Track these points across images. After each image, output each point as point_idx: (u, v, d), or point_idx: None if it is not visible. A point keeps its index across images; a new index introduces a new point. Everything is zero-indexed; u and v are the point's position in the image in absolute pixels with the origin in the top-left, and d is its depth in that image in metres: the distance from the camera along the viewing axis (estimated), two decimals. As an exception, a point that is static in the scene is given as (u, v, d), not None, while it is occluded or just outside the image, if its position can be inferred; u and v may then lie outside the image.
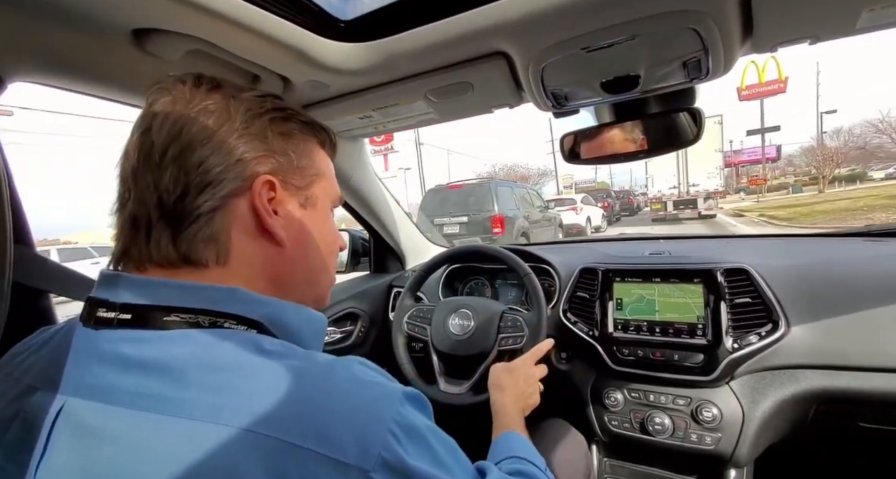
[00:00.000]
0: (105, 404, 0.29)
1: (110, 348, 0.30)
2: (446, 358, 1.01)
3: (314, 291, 0.44)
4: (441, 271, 1.33)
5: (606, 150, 0.94)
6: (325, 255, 0.44)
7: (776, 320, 0.82)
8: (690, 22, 0.56)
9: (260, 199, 0.37)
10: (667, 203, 14.03)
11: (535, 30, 0.59)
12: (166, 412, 0.27)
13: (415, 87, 0.78)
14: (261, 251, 0.38)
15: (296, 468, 0.26)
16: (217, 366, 0.29)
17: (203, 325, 0.32)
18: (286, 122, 0.40)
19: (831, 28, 0.59)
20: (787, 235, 1.57)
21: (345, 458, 0.27)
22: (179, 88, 0.37)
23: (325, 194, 0.44)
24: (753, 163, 34.91)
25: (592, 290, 1.01)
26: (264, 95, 0.40)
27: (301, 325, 0.39)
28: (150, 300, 0.32)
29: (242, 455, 0.26)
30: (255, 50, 0.62)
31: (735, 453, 0.81)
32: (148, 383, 0.29)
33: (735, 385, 0.85)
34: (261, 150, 0.38)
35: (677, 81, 0.73)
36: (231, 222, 0.36)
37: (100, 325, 0.32)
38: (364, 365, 0.34)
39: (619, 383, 0.93)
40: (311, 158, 0.43)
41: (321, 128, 0.44)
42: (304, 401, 0.29)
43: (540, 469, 0.54)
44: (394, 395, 0.32)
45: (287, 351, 0.33)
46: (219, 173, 0.35)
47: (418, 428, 0.31)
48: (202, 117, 0.36)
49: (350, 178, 1.18)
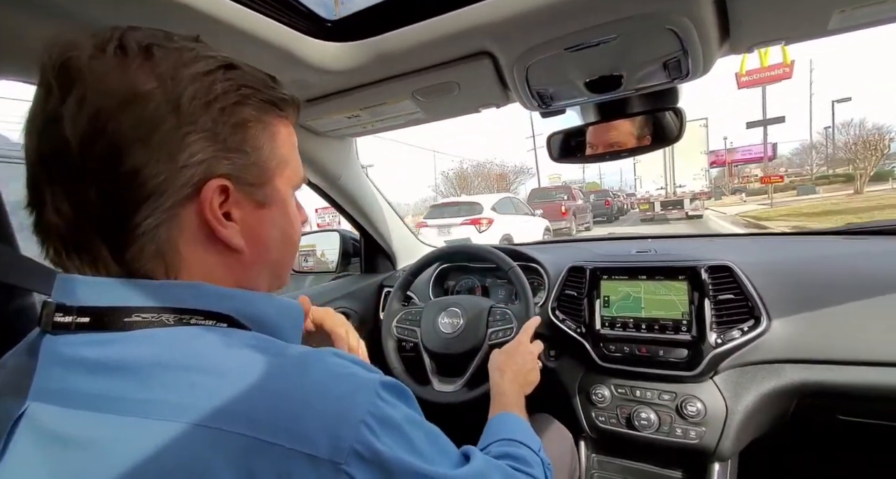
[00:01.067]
0: (68, 408, 0.28)
1: (70, 353, 0.29)
2: (438, 357, 1.01)
3: (278, 280, 0.42)
4: (431, 271, 1.34)
5: (593, 149, 0.96)
6: (289, 247, 0.41)
7: (758, 315, 0.84)
8: (669, 23, 0.58)
9: (210, 208, 0.32)
10: (654, 204, 14.43)
11: (519, 30, 0.60)
12: (131, 414, 0.27)
13: (402, 86, 0.78)
14: (216, 260, 0.34)
15: (266, 465, 0.26)
16: (183, 365, 0.28)
17: (168, 323, 0.30)
18: (242, 107, 0.33)
19: (804, 29, 0.61)
20: (768, 234, 1.61)
21: (317, 452, 0.26)
22: (96, 56, 0.29)
23: (288, 184, 0.38)
24: (748, 162, 33.27)
25: (580, 288, 1.02)
26: (212, 69, 0.32)
27: (275, 315, 0.37)
28: (108, 302, 0.30)
29: (209, 454, 0.25)
30: (241, 49, 0.62)
31: (719, 446, 0.83)
32: (111, 386, 0.28)
33: (718, 380, 0.87)
34: (211, 150, 0.32)
35: (659, 82, 0.75)
36: (178, 235, 0.32)
37: (58, 330, 0.30)
38: (339, 356, 0.33)
39: (606, 380, 0.95)
40: (273, 146, 0.36)
41: (284, 101, 0.37)
42: (275, 396, 0.28)
43: (532, 451, 0.51)
44: (369, 385, 0.31)
45: (258, 344, 0.31)
46: (160, 184, 0.30)
47: (393, 418, 0.30)
48: (134, 107, 0.29)
49: (339, 177, 1.18)
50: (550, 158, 0.98)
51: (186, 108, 0.30)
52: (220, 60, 0.34)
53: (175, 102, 0.30)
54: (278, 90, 0.37)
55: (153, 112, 0.29)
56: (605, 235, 1.70)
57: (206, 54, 0.33)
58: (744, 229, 9.75)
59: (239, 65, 0.35)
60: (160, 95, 0.30)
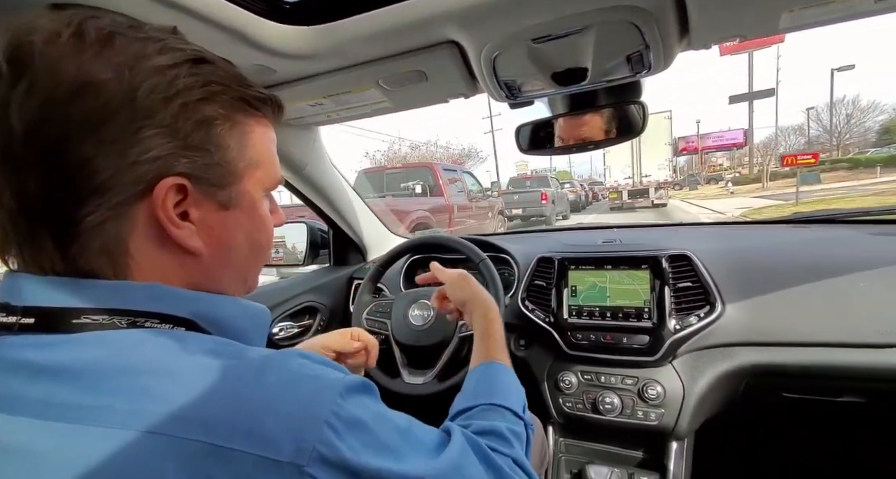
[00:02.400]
0: (8, 415, 0.26)
1: (13, 355, 0.27)
2: (408, 350, 1.01)
3: (245, 285, 0.40)
4: (402, 262, 1.33)
5: (560, 140, 0.97)
6: (256, 252, 0.39)
7: (713, 302, 0.89)
8: (632, 18, 0.58)
9: (163, 206, 0.30)
10: (622, 193, 15.14)
11: (485, 20, 0.59)
12: (77, 421, 0.25)
13: (367, 74, 0.76)
14: (171, 261, 0.33)
15: (223, 471, 0.25)
16: (134, 369, 0.27)
17: (120, 326, 0.29)
18: (207, 104, 0.32)
19: (756, 28, 0.63)
20: (726, 223, 1.69)
21: (278, 455, 0.26)
22: (51, 42, 0.27)
23: (259, 185, 0.37)
24: (721, 149, 31.35)
25: (549, 278, 1.04)
26: (178, 63, 0.30)
27: (241, 319, 0.36)
28: (55, 302, 0.29)
29: (161, 462, 0.24)
30: (192, 30, 0.58)
31: (676, 426, 0.87)
32: (57, 391, 0.26)
33: (677, 364, 0.91)
34: (168, 147, 0.30)
35: (623, 75, 0.76)
36: (128, 232, 0.30)
37: (0, 331, 0.28)
38: (304, 357, 0.32)
39: (573, 367, 0.98)
40: (243, 146, 0.35)
41: (259, 100, 0.36)
42: (232, 399, 0.27)
43: (517, 415, 0.48)
44: (333, 386, 0.30)
45: (217, 348, 0.30)
46: (107, 180, 0.28)
47: (359, 418, 0.30)
48: (85, 97, 0.27)
49: (304, 167, 1.14)
50: (519, 150, 0.98)
51: (143, 101, 0.29)
52: (189, 54, 0.32)
53: (131, 94, 0.28)
54: (254, 89, 0.35)
55: (105, 103, 0.28)
56: (574, 225, 1.74)
57: (174, 46, 0.31)
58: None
59: (211, 59, 0.33)
60: (115, 85, 0.28)
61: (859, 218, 1.19)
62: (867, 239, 1.00)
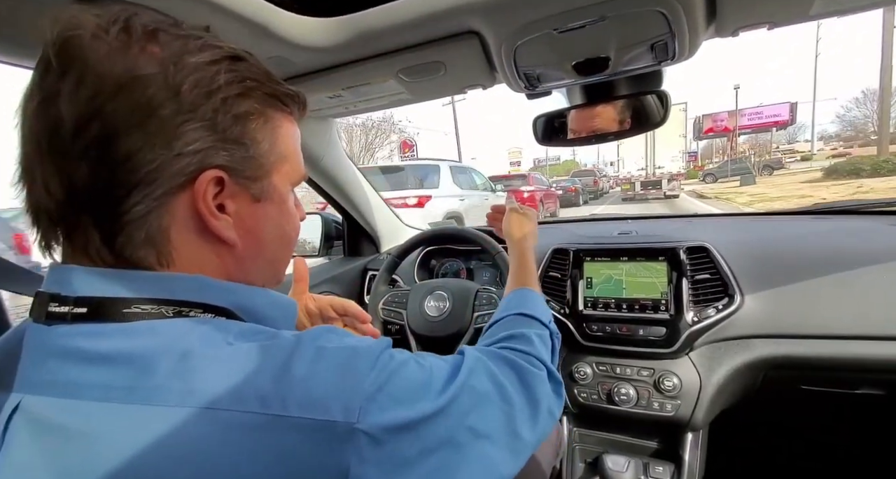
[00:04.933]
0: (69, 399, 0.27)
1: (66, 344, 0.29)
2: (423, 340, 1.02)
3: (275, 277, 0.42)
4: (416, 253, 1.33)
5: (578, 132, 0.96)
6: (285, 244, 0.41)
7: (732, 294, 0.88)
8: (658, 5, 0.57)
9: (204, 199, 0.31)
10: (635, 184, 15.33)
11: (507, 9, 0.58)
12: (136, 402, 0.27)
13: (386, 65, 0.76)
14: (210, 250, 0.34)
15: (282, 438, 0.26)
16: (185, 354, 0.28)
17: (167, 315, 0.30)
18: (245, 99, 0.33)
19: (788, 14, 0.61)
20: (744, 214, 1.66)
21: (330, 416, 0.27)
22: (99, 36, 0.28)
23: (287, 180, 0.38)
24: (759, 128, 25.08)
25: (564, 269, 1.04)
26: (217, 60, 0.32)
27: (272, 309, 0.37)
28: (107, 293, 0.30)
29: (221, 436, 0.26)
30: (212, 22, 0.58)
31: (692, 418, 0.87)
32: (114, 375, 0.27)
33: (694, 356, 0.91)
34: (209, 140, 0.31)
35: (645, 64, 0.75)
36: (170, 223, 0.31)
37: (52, 320, 0.29)
38: (331, 332, 0.33)
39: (588, 358, 0.98)
40: (273, 141, 0.36)
41: (288, 96, 0.37)
42: (279, 373, 0.28)
43: (543, 323, 0.56)
44: (368, 351, 0.31)
45: (255, 332, 0.32)
46: (152, 171, 0.29)
47: (391, 378, 0.31)
48: (132, 90, 0.28)
49: (321, 159, 1.15)
50: (536, 141, 0.98)
51: (187, 96, 0.30)
52: (227, 52, 0.33)
53: (176, 88, 0.30)
54: (283, 85, 0.37)
55: (152, 97, 0.29)
56: (588, 216, 1.74)
57: (212, 44, 0.33)
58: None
59: (245, 57, 0.34)
60: (161, 80, 0.29)
61: (881, 209, 1.16)
62: (888, 230, 0.98)
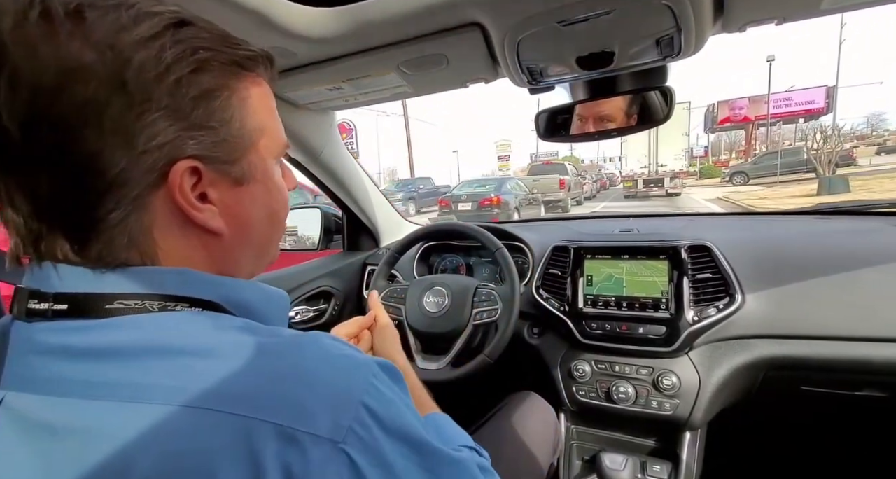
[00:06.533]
0: (54, 396, 0.26)
1: (47, 340, 0.28)
2: (422, 336, 1.02)
3: (267, 257, 0.40)
4: (415, 249, 1.33)
5: (580, 127, 0.95)
6: (275, 223, 0.38)
7: (733, 293, 0.87)
8: None
9: (182, 192, 0.29)
10: (638, 181, 15.39)
11: (511, 1, 0.57)
12: (125, 399, 0.26)
13: (387, 57, 0.75)
14: (196, 243, 0.32)
15: (268, 445, 0.25)
16: (172, 350, 0.27)
17: (151, 310, 0.29)
18: (201, 75, 0.29)
19: (797, 9, 0.60)
20: (746, 213, 1.65)
21: (317, 430, 0.26)
22: (22, 27, 0.25)
23: (267, 154, 0.35)
24: (788, 117, 20.14)
25: (564, 267, 1.03)
26: (159, 32, 0.27)
27: (262, 303, 0.36)
28: (87, 289, 0.28)
29: (209, 436, 0.25)
30: (211, 12, 0.57)
31: (691, 417, 0.87)
32: (100, 371, 0.26)
33: (693, 355, 0.91)
34: (173, 131, 0.28)
35: (651, 59, 0.74)
36: (151, 223, 0.30)
37: (32, 317, 0.28)
38: (333, 339, 0.32)
39: (587, 356, 0.98)
40: (244, 116, 0.32)
41: (250, 59, 0.33)
42: (272, 376, 0.27)
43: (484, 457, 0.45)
44: (367, 366, 0.30)
45: (249, 327, 0.30)
46: (120, 173, 0.27)
47: (390, 399, 0.30)
48: (73, 86, 0.25)
49: (321, 152, 1.14)
50: (538, 137, 0.97)
51: (134, 84, 0.26)
52: (168, 18, 0.28)
53: (119, 78, 0.26)
54: (242, 47, 0.32)
55: (95, 92, 0.25)
56: (589, 213, 1.73)
57: (148, 10, 0.28)
58: (724, 209, 9.67)
59: (191, 20, 0.30)
60: (100, 70, 0.25)
61: (885, 210, 1.15)
62: (892, 231, 0.97)
